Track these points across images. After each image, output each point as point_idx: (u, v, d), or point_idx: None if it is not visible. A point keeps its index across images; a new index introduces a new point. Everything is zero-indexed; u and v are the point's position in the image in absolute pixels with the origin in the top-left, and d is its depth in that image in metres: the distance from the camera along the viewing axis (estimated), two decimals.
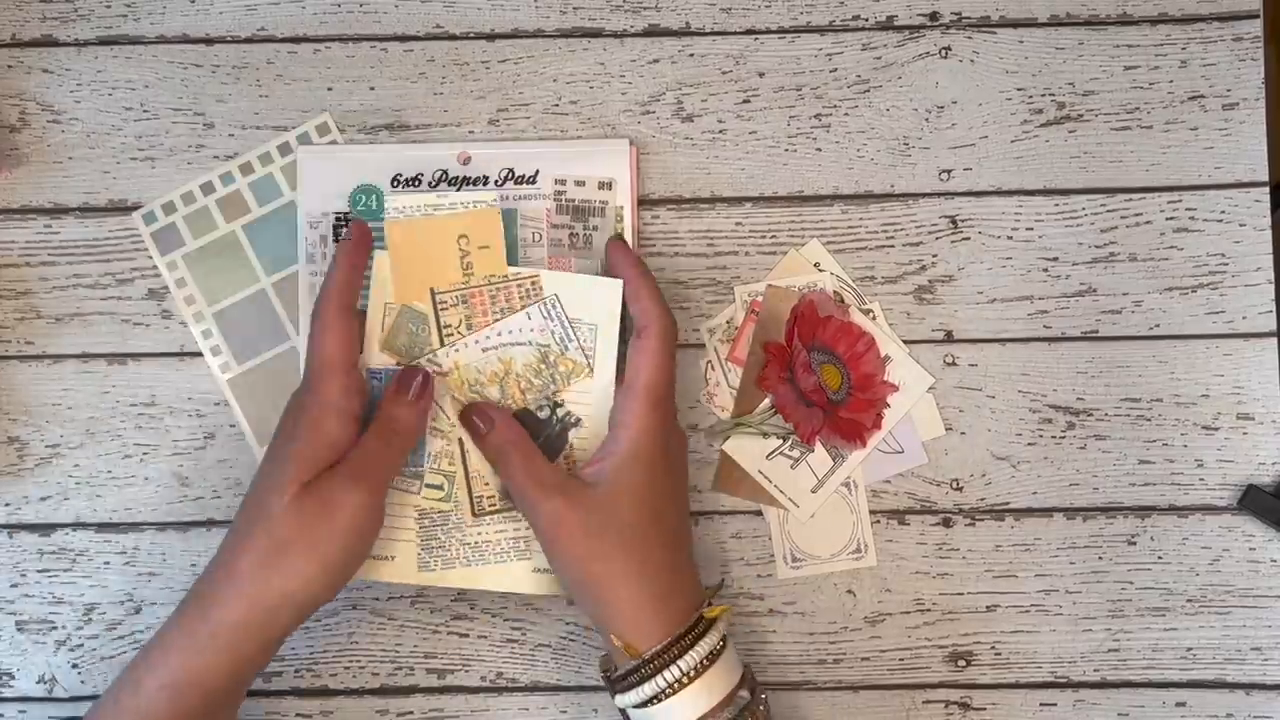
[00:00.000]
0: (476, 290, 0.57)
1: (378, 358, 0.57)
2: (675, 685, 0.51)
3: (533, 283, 0.57)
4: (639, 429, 0.53)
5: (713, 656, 0.51)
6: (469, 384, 0.57)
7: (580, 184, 0.60)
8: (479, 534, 0.57)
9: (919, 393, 0.60)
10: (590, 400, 0.57)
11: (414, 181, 0.61)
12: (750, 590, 0.60)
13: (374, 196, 0.61)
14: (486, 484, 0.57)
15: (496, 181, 0.61)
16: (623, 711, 0.53)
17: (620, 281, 0.56)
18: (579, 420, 0.57)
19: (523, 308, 0.57)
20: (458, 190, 0.59)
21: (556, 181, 0.60)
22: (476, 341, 0.57)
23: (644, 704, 0.51)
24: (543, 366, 0.57)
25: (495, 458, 0.55)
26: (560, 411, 0.57)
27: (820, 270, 0.61)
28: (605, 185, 0.60)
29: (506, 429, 0.55)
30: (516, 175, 0.61)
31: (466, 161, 0.61)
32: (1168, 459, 0.60)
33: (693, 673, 0.51)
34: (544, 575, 0.57)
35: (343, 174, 0.60)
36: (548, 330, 0.57)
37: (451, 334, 0.57)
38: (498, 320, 0.57)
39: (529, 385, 0.57)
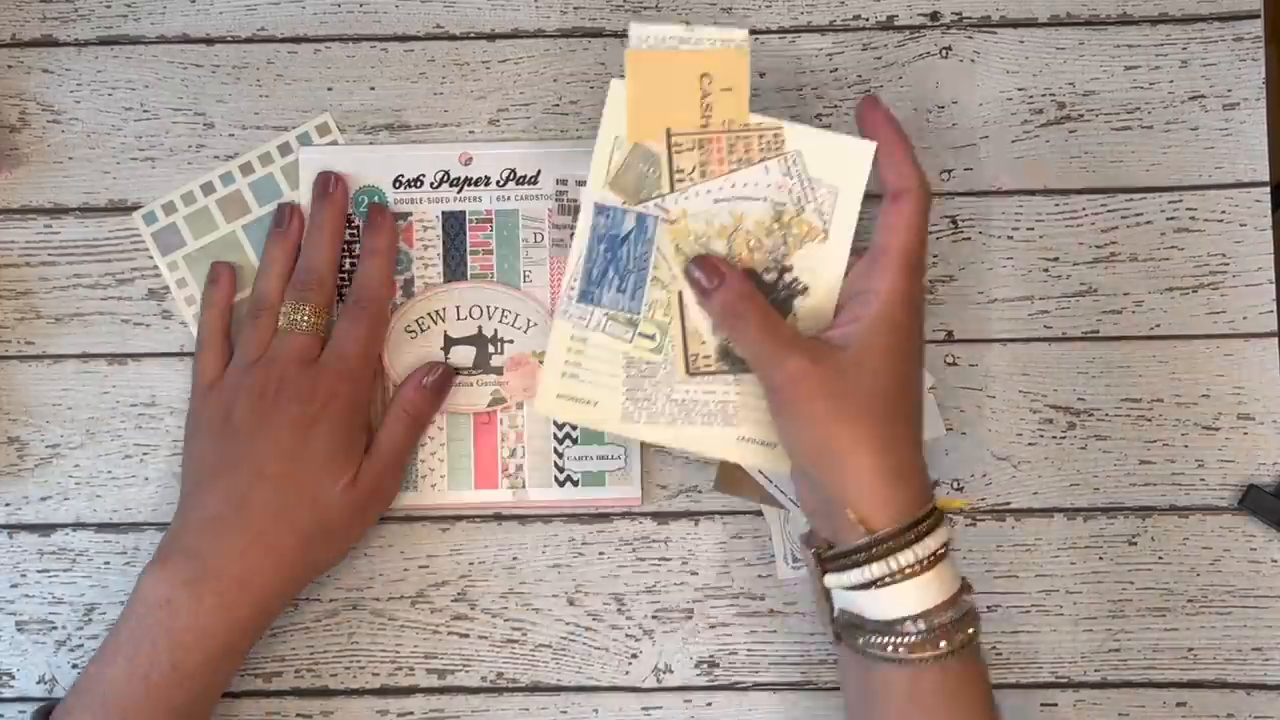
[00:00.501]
0: (714, 136, 0.53)
1: (602, 194, 0.54)
2: (905, 571, 0.47)
3: (775, 135, 0.53)
4: (894, 293, 0.50)
5: (946, 550, 0.48)
6: (695, 235, 0.53)
7: (582, 184, 0.60)
8: (688, 392, 0.54)
9: None
10: (820, 269, 0.53)
11: (416, 182, 0.61)
12: (750, 590, 0.60)
13: (376, 198, 0.61)
14: (703, 342, 0.54)
15: (498, 182, 0.61)
16: (826, 593, 0.50)
17: (873, 144, 0.52)
18: (806, 288, 0.53)
19: (761, 161, 0.53)
20: (706, 27, 0.53)
21: (558, 181, 0.60)
22: (709, 191, 0.53)
23: (864, 586, 0.48)
24: (775, 226, 0.53)
25: (724, 314, 0.52)
26: (788, 277, 0.53)
27: None
28: None
29: (739, 283, 0.52)
30: (518, 176, 0.60)
31: (468, 162, 0.61)
32: (1168, 459, 0.60)
33: (926, 561, 0.47)
34: (749, 445, 0.54)
35: (344, 174, 0.60)
36: (785, 188, 0.53)
37: (683, 180, 0.53)
38: (733, 171, 0.53)
39: (758, 245, 0.53)
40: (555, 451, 0.60)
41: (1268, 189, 0.61)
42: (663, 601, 0.60)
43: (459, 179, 0.61)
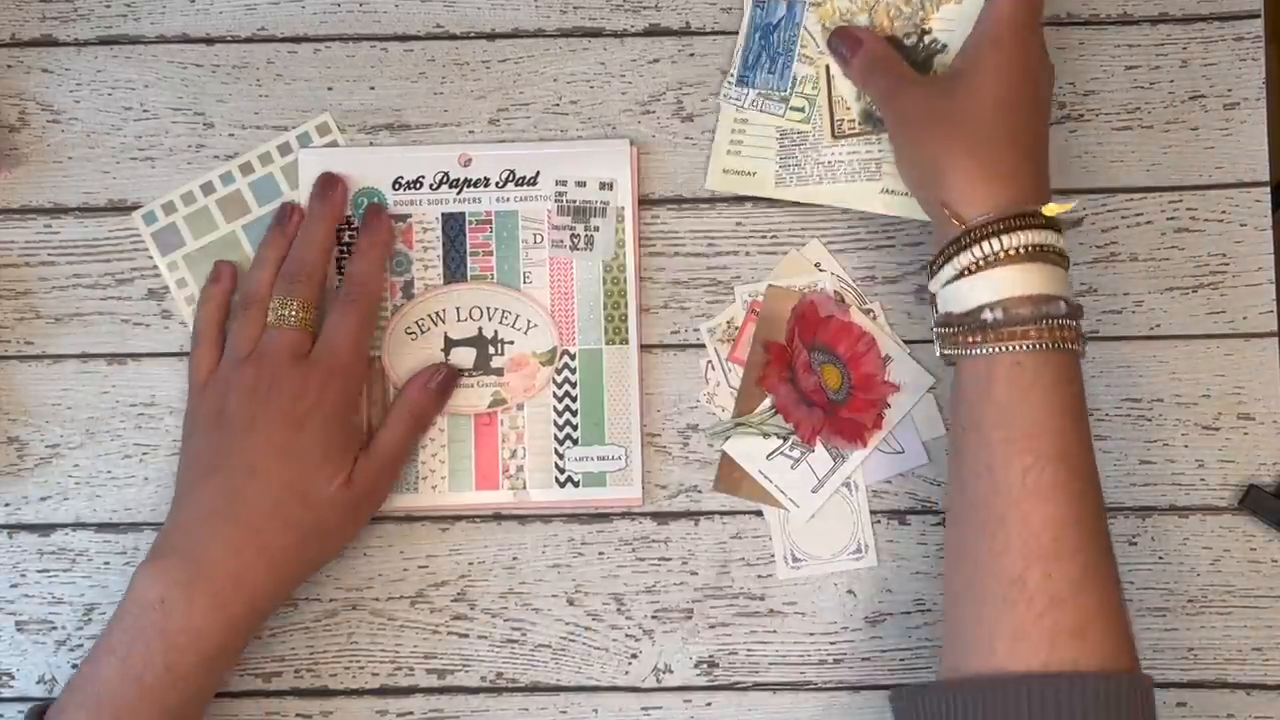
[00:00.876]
0: None
1: None
2: (989, 260, 0.49)
3: None
4: (999, 19, 0.53)
5: (1041, 252, 0.49)
6: (840, 13, 0.59)
7: (581, 185, 0.60)
8: (834, 154, 0.60)
9: (920, 393, 0.60)
10: (957, 26, 0.58)
11: (415, 184, 0.61)
12: (750, 590, 0.60)
13: (375, 199, 0.61)
14: (848, 108, 0.60)
15: (497, 183, 0.60)
16: (933, 302, 0.53)
17: None
18: (944, 46, 0.58)
19: None
20: None
21: (557, 183, 0.60)
22: None
23: (955, 278, 0.50)
24: None
25: (860, 74, 0.58)
26: (927, 39, 0.59)
27: (821, 270, 0.61)
28: (606, 185, 0.60)
29: (874, 43, 0.58)
30: (517, 177, 0.60)
31: (467, 163, 0.61)
32: (1168, 459, 0.60)
33: (1013, 252, 0.49)
34: (891, 197, 0.59)
35: (344, 176, 0.60)
36: None
37: None
38: None
39: (898, 14, 0.59)
40: (556, 452, 0.60)
41: (1268, 189, 0.61)
42: (662, 601, 0.60)
43: (458, 180, 0.61)
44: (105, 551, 0.60)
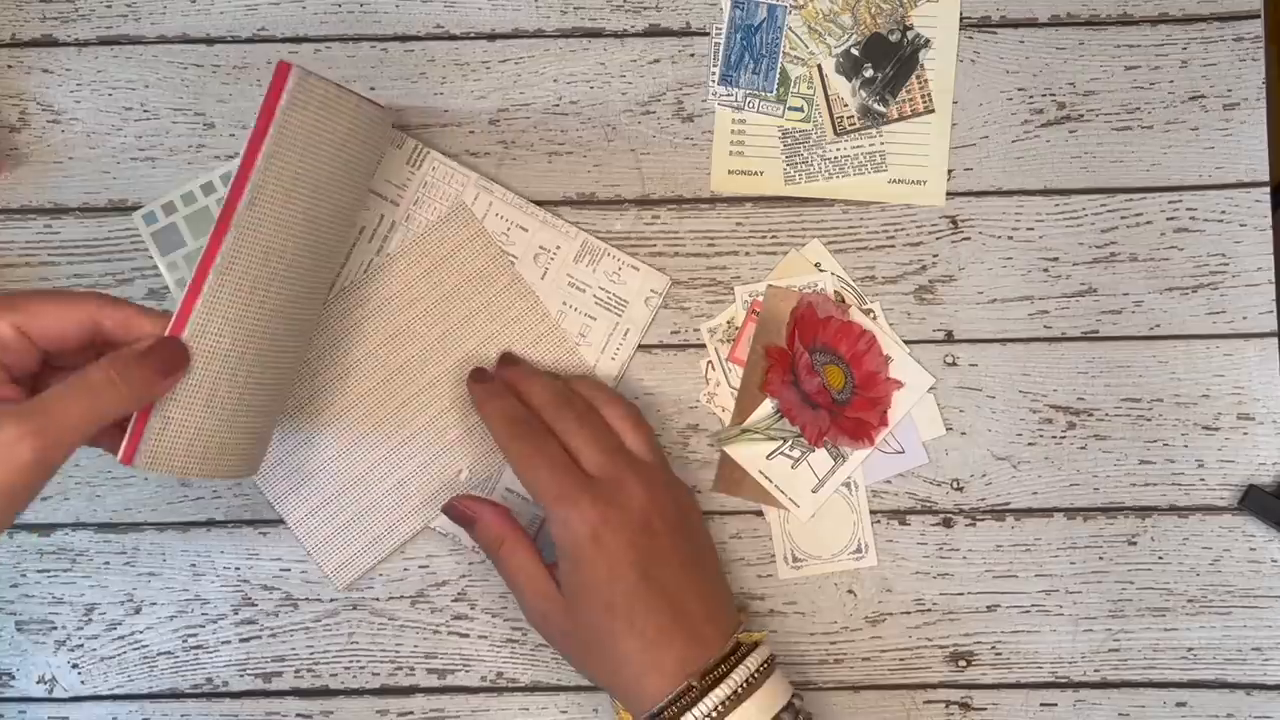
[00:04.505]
0: None
1: None
2: None
3: None
4: (563, 536, 0.52)
5: (739, 694, 0.50)
6: (823, 14, 0.61)
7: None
8: (839, 150, 0.61)
9: (920, 393, 0.60)
10: (938, 20, 0.60)
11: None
12: (750, 590, 0.60)
13: None
14: (845, 105, 0.61)
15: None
16: None
17: None
18: (928, 41, 0.60)
19: None
20: None
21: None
22: None
23: None
24: None
25: (486, 554, 0.55)
26: (910, 34, 0.60)
27: (821, 270, 0.61)
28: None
29: (487, 523, 0.55)
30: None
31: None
32: (1168, 459, 0.60)
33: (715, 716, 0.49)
34: (899, 186, 0.61)
35: None
36: None
37: None
38: None
39: (879, 10, 0.59)
40: None
41: (1268, 189, 0.61)
42: None
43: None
44: (105, 551, 0.60)
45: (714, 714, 0.49)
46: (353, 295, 0.60)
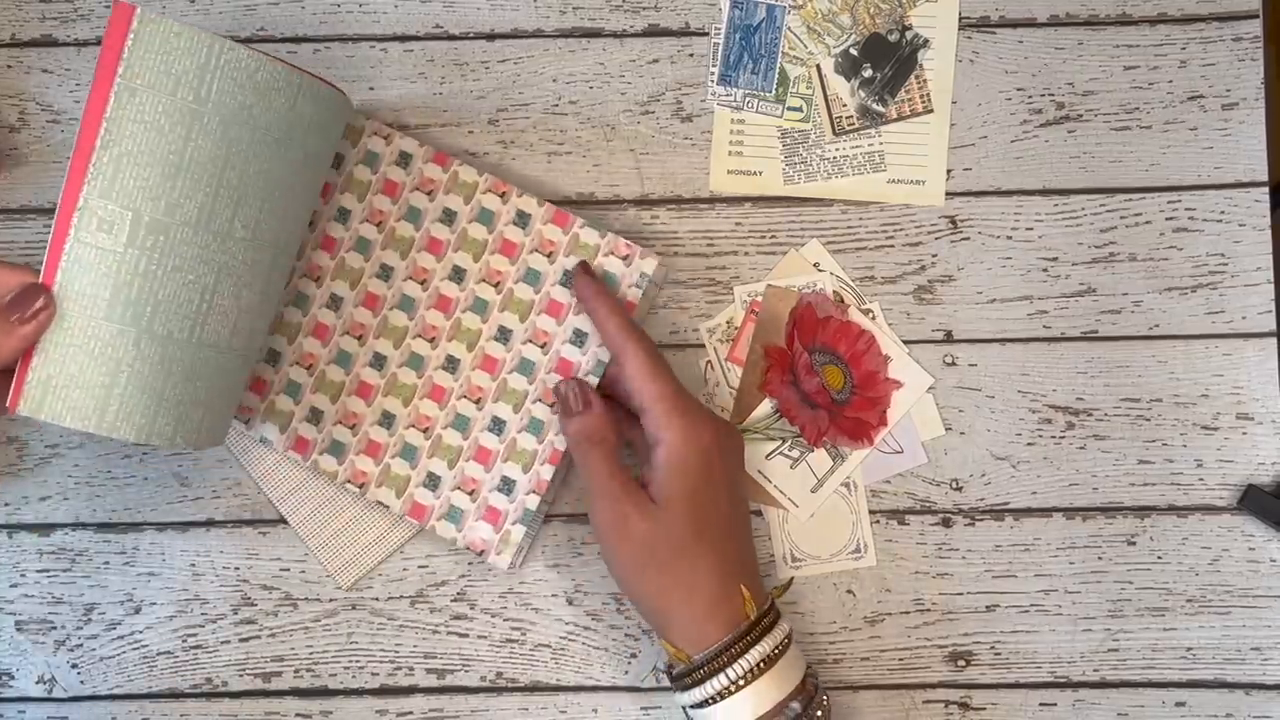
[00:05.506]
0: None
1: None
2: (725, 691, 0.51)
3: None
4: (672, 441, 0.53)
5: (768, 661, 0.51)
6: (822, 14, 0.61)
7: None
8: (837, 150, 0.61)
9: (919, 393, 0.60)
10: (937, 20, 0.60)
11: None
12: None
13: None
14: (844, 105, 0.61)
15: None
16: (683, 707, 0.54)
17: None
18: (927, 41, 0.60)
19: None
20: None
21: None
22: None
23: (699, 705, 0.52)
24: None
25: (575, 447, 0.55)
26: (909, 34, 0.60)
27: (820, 270, 0.61)
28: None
29: (597, 416, 0.55)
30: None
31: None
32: (1167, 459, 0.60)
33: (742, 681, 0.51)
34: (899, 186, 0.61)
35: None
36: None
37: None
38: None
39: (878, 10, 0.59)
40: None
41: (1267, 189, 0.61)
42: None
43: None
44: (105, 551, 0.60)
45: (772, 655, 0.51)
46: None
